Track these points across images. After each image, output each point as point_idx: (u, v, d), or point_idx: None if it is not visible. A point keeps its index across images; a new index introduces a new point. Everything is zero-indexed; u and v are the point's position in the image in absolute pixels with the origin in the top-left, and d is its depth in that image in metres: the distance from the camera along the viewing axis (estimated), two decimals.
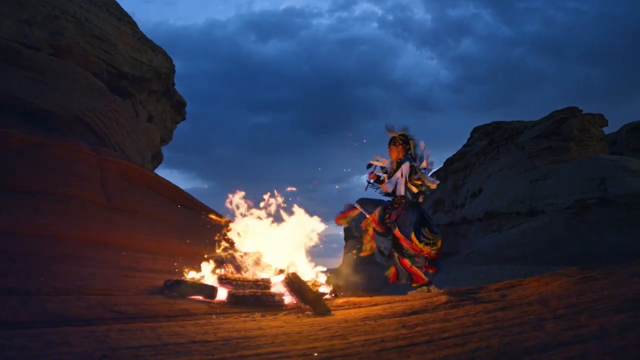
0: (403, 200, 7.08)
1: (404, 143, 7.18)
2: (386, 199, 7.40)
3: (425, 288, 6.87)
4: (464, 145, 39.29)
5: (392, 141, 7.22)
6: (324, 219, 7.25)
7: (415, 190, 7.00)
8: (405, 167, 7.00)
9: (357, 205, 7.34)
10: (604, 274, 5.07)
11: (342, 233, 55.31)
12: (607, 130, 30.64)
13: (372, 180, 7.36)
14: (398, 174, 7.04)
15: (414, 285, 7.01)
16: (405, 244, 6.92)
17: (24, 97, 10.16)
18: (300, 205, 6.88)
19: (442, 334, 3.20)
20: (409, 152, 7.19)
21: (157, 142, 18.40)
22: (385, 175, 7.32)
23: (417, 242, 6.80)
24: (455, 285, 7.56)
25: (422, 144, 7.20)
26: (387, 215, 7.14)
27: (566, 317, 3.38)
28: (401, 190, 7.02)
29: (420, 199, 7.14)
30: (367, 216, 7.23)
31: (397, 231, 6.94)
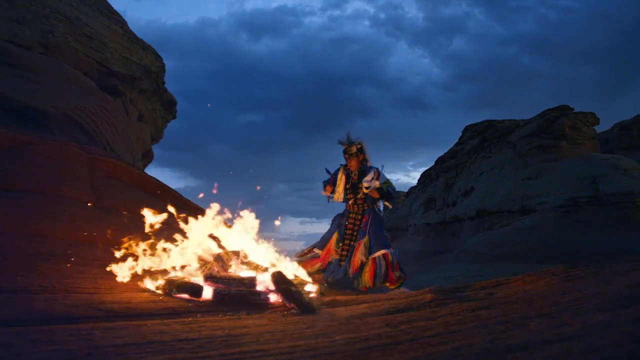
0: (366, 207, 7.31)
1: (361, 153, 7.58)
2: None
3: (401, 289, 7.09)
4: (456, 144, 39.28)
5: (351, 152, 7.55)
6: (317, 217, 7.39)
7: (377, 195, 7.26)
8: (376, 173, 7.26)
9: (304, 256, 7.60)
10: (590, 273, 5.10)
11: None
12: (598, 129, 30.64)
13: (329, 194, 7.63)
14: (373, 179, 7.28)
15: (391, 287, 7.12)
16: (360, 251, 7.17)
17: (13, 96, 10.12)
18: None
19: (426, 332, 3.21)
20: (365, 160, 7.62)
21: (147, 141, 18.39)
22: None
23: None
24: (446, 284, 7.59)
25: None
26: (351, 229, 7.33)
27: (550, 316, 3.40)
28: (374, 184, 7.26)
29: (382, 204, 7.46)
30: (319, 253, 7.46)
31: (365, 239, 7.17)
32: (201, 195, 6.62)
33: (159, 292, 5.22)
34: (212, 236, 6.26)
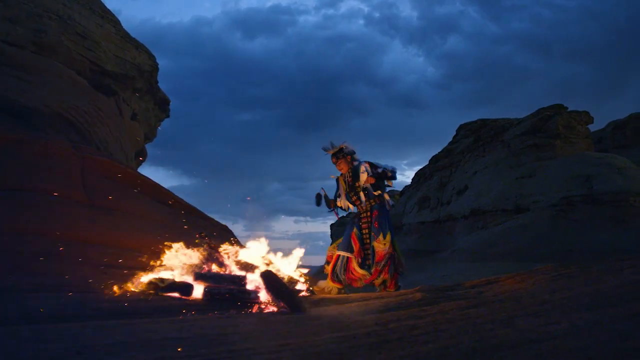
0: (373, 203, 7.31)
1: (347, 154, 7.58)
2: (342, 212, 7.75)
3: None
4: (450, 143, 39.36)
5: (338, 156, 7.57)
6: (312, 216, 7.38)
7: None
8: (366, 166, 7.29)
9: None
10: (579, 271, 5.13)
11: (328, 231, 55.34)
12: (592, 128, 30.75)
13: (337, 208, 7.68)
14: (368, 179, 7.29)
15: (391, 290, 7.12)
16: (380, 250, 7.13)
17: (6, 95, 10.08)
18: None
19: (414, 331, 3.23)
20: (355, 160, 7.61)
21: (141, 140, 18.36)
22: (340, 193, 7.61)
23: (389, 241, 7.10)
24: (440, 283, 7.60)
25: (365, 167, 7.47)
26: (367, 229, 7.33)
27: (538, 314, 3.42)
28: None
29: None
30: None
31: (376, 242, 7.15)
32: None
33: (150, 291, 5.22)
34: (202, 235, 6.26)
